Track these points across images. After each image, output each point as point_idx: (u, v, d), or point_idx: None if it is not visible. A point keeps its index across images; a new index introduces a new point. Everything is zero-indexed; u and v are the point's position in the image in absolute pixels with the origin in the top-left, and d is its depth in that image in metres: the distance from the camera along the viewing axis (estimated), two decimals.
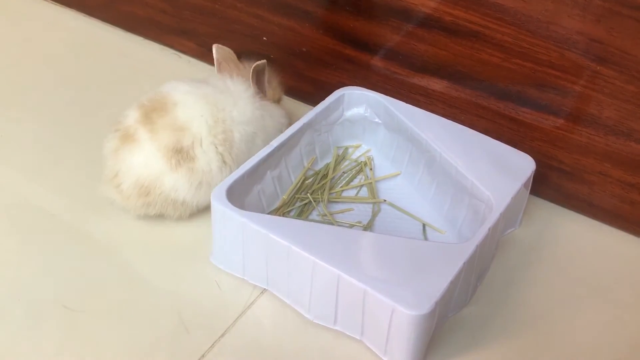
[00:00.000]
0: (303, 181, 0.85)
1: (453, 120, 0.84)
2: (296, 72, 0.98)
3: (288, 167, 0.83)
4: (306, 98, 0.99)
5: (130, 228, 0.80)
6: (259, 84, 0.84)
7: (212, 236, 0.75)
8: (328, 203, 0.83)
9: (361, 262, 0.67)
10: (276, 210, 0.81)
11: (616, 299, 0.76)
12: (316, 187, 0.84)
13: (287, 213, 0.81)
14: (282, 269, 0.70)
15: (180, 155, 0.76)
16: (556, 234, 0.83)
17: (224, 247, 0.74)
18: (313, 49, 0.95)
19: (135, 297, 0.73)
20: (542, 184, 0.85)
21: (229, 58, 0.85)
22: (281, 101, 0.89)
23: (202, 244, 0.77)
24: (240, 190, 0.75)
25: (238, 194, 0.75)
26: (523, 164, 0.79)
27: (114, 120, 0.80)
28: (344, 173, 0.87)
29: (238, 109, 0.80)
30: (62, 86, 1.01)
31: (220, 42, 0.87)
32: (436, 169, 0.81)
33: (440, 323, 0.68)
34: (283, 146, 0.81)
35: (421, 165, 0.84)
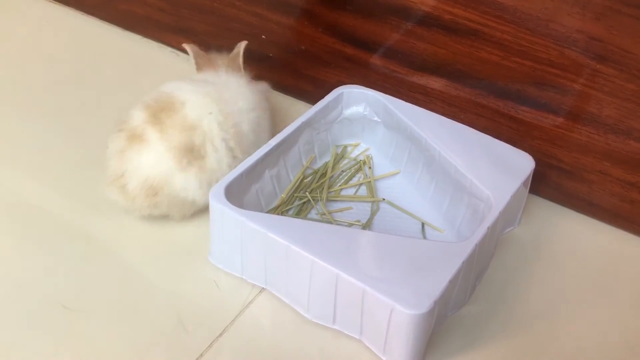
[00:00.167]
0: (302, 180, 0.84)
1: (452, 118, 0.84)
2: (295, 71, 0.98)
3: (287, 166, 0.83)
4: (305, 96, 0.99)
5: (129, 228, 0.80)
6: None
7: (211, 235, 0.74)
8: (327, 202, 0.82)
9: (360, 261, 0.67)
10: (275, 209, 0.81)
11: (615, 298, 0.76)
12: (315, 186, 0.84)
13: (286, 212, 0.81)
14: (281, 268, 0.70)
15: (191, 154, 0.76)
16: (555, 233, 0.82)
17: (222, 246, 0.74)
18: (312, 47, 0.94)
19: (133, 297, 0.72)
20: (542, 183, 0.85)
21: (200, 54, 0.86)
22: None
23: (201, 243, 0.77)
24: (238, 189, 0.75)
25: (236, 193, 0.74)
26: (522, 163, 0.78)
27: (113, 118, 0.79)
28: (343, 172, 0.87)
29: (243, 99, 0.81)
30: (61, 85, 1.01)
31: (218, 41, 0.88)
32: (435, 168, 0.81)
33: (439, 322, 0.68)
34: (281, 145, 0.80)
35: (420, 164, 0.84)
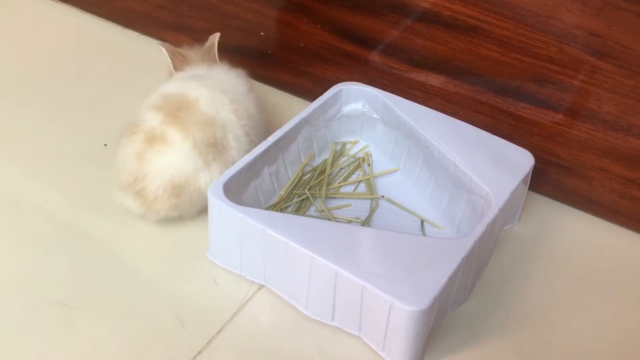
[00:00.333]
0: (300, 177, 0.84)
1: (451, 115, 0.83)
2: (293, 68, 0.97)
3: (285, 163, 0.83)
4: (304, 93, 0.99)
5: (127, 225, 0.79)
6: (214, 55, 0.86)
7: (209, 232, 0.74)
8: (326, 199, 0.82)
9: (359, 258, 0.67)
10: (273, 206, 0.81)
11: (615, 295, 0.75)
12: (314, 183, 0.84)
13: (285, 209, 0.81)
14: (280, 265, 0.70)
15: (215, 149, 0.76)
16: (555, 230, 0.82)
17: (221, 243, 0.74)
18: (311, 44, 0.94)
19: (131, 294, 0.72)
20: (541, 180, 0.84)
21: (176, 52, 0.85)
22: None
23: (199, 240, 0.77)
24: (237, 186, 0.75)
25: (235, 190, 0.74)
26: (522, 160, 0.78)
27: (113, 115, 0.79)
28: (342, 169, 0.87)
29: (239, 84, 0.82)
30: (60, 82, 1.01)
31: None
32: (435, 165, 0.81)
33: (438, 319, 0.68)
34: (280, 142, 0.80)
35: (419, 160, 0.84)
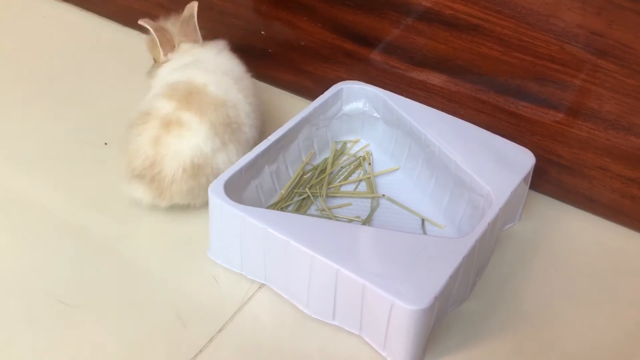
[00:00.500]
0: (301, 176, 0.84)
1: (452, 114, 0.83)
2: (294, 67, 0.97)
3: (286, 162, 0.83)
4: (304, 92, 0.99)
5: (128, 224, 0.79)
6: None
7: (210, 231, 0.74)
8: (326, 198, 0.82)
9: (360, 257, 0.66)
10: (274, 205, 0.80)
11: (616, 294, 0.75)
12: (314, 182, 0.84)
13: (285, 208, 0.81)
14: (280, 264, 0.70)
15: (230, 128, 0.78)
16: (556, 229, 0.82)
17: (222, 242, 0.74)
18: (311, 43, 0.94)
19: (132, 292, 0.72)
20: (542, 179, 0.84)
21: (157, 26, 0.86)
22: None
23: (200, 239, 0.77)
24: (238, 184, 0.75)
25: (236, 189, 0.74)
26: (523, 159, 0.78)
27: (114, 113, 0.79)
28: (343, 168, 0.87)
29: (231, 61, 0.85)
30: (60, 81, 1.01)
31: (218, 36, 0.87)
32: (435, 164, 0.81)
33: (439, 318, 0.67)
34: (281, 141, 0.80)
35: (420, 159, 0.84)
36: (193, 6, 0.86)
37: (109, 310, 0.70)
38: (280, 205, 0.81)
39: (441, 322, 0.70)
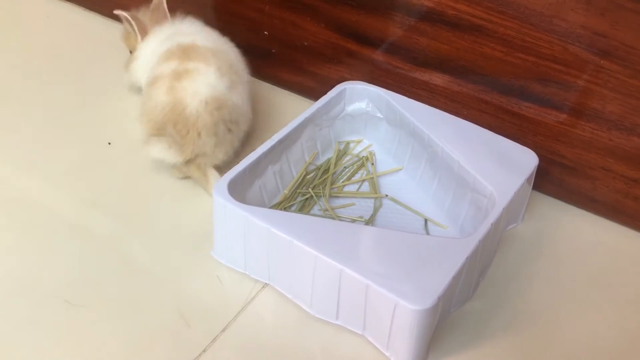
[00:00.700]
0: (304, 176, 0.84)
1: (455, 115, 0.83)
2: (297, 67, 0.97)
3: (289, 162, 0.83)
4: (307, 93, 0.99)
5: (130, 223, 0.80)
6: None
7: (214, 231, 0.74)
8: (329, 198, 0.82)
9: (363, 257, 0.67)
10: (277, 205, 0.81)
11: (618, 295, 0.76)
12: (317, 182, 0.84)
13: (289, 208, 0.81)
14: (284, 264, 0.70)
15: (232, 70, 0.84)
16: (558, 230, 0.82)
17: (226, 242, 0.74)
18: (314, 43, 0.94)
19: (136, 292, 0.72)
20: (545, 179, 0.84)
21: (133, 15, 0.90)
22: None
23: (203, 239, 0.77)
24: (241, 184, 0.75)
25: (239, 189, 0.74)
26: (526, 159, 0.78)
27: (116, 112, 0.79)
28: (346, 168, 0.87)
29: (210, 32, 0.89)
30: (63, 80, 1.01)
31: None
32: (438, 164, 0.81)
33: (442, 318, 0.68)
34: (284, 141, 0.80)
35: (423, 160, 0.84)
36: None
37: (113, 309, 0.70)
38: (283, 205, 0.81)
39: (444, 322, 0.70)
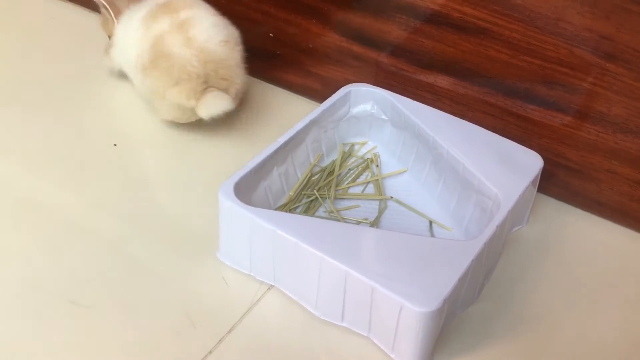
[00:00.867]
0: (309, 178, 0.84)
1: (460, 117, 0.84)
2: (302, 69, 0.98)
3: (294, 164, 0.83)
4: (312, 95, 0.99)
5: (136, 224, 0.80)
6: None
7: (219, 232, 0.74)
8: (334, 200, 0.82)
9: (369, 259, 0.67)
10: (283, 206, 0.81)
11: (623, 297, 0.76)
12: (322, 184, 0.84)
13: (294, 209, 0.81)
14: (290, 266, 0.70)
15: (221, 16, 0.89)
16: (563, 232, 0.82)
17: (231, 243, 0.74)
18: (319, 46, 0.94)
19: (141, 293, 0.72)
20: (550, 182, 0.85)
21: (110, 2, 0.94)
22: None
23: (209, 240, 0.77)
24: (247, 186, 0.75)
25: (245, 190, 0.74)
26: (531, 162, 0.78)
27: (121, 113, 0.79)
28: (350, 170, 0.87)
29: None
30: (69, 82, 1.01)
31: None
32: (443, 166, 0.81)
33: (448, 320, 0.68)
34: (289, 143, 0.80)
35: (428, 162, 0.84)
36: None
37: (119, 310, 0.71)
38: (288, 207, 0.81)
39: (450, 325, 0.70)
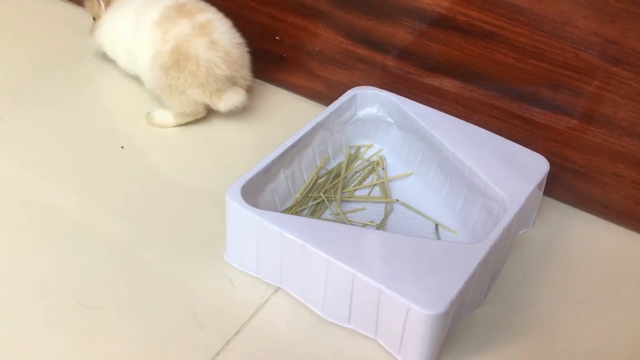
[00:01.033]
0: (316, 180, 0.85)
1: (466, 120, 0.84)
2: (309, 72, 0.98)
3: (301, 166, 0.83)
4: (319, 97, 0.99)
5: (144, 226, 0.80)
6: None
7: (226, 234, 0.75)
8: (340, 202, 0.83)
9: (376, 261, 0.67)
10: (289, 209, 0.81)
11: (629, 300, 0.76)
12: (329, 187, 0.84)
13: (300, 212, 0.81)
14: (296, 268, 0.70)
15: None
16: (569, 235, 0.83)
17: (238, 246, 0.74)
18: (326, 49, 0.95)
19: (149, 294, 0.73)
20: (555, 185, 0.85)
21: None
22: None
23: (216, 242, 0.77)
24: (254, 189, 0.75)
25: (252, 193, 0.75)
26: (537, 165, 0.79)
27: (127, 114, 0.79)
28: (357, 172, 0.88)
29: None
30: (76, 84, 1.02)
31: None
32: (449, 169, 0.81)
33: (454, 323, 0.68)
34: (296, 145, 0.81)
35: (434, 165, 0.84)
36: None
37: (127, 311, 0.71)
38: (295, 209, 0.81)
39: (456, 327, 0.70)
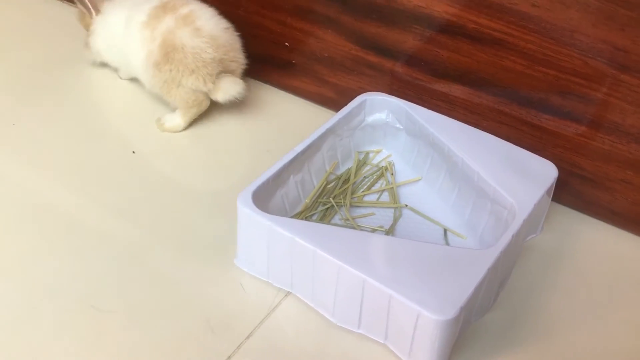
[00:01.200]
0: (325, 185, 0.85)
1: (475, 126, 0.84)
2: (318, 78, 0.98)
3: (311, 172, 0.84)
4: (328, 103, 1.00)
5: (155, 231, 0.81)
6: None
7: (237, 239, 0.75)
8: (350, 207, 0.83)
9: (386, 267, 0.67)
10: (299, 214, 0.82)
11: (638, 306, 0.76)
12: (338, 192, 0.85)
13: (310, 217, 0.82)
14: (307, 273, 0.71)
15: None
16: (577, 241, 0.83)
17: (249, 250, 0.75)
18: (335, 55, 0.95)
19: (161, 299, 0.73)
20: (564, 191, 0.85)
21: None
22: None
23: (227, 247, 0.78)
24: (265, 194, 0.76)
25: (263, 198, 0.75)
26: (545, 171, 0.79)
27: (141, 124, 0.80)
28: (365, 178, 0.88)
29: None
30: (86, 89, 1.02)
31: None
32: (458, 175, 0.82)
33: (464, 328, 0.68)
34: (306, 151, 0.81)
35: (443, 170, 0.84)
36: None
37: (139, 315, 0.72)
38: (305, 214, 0.82)
39: (465, 333, 0.71)
